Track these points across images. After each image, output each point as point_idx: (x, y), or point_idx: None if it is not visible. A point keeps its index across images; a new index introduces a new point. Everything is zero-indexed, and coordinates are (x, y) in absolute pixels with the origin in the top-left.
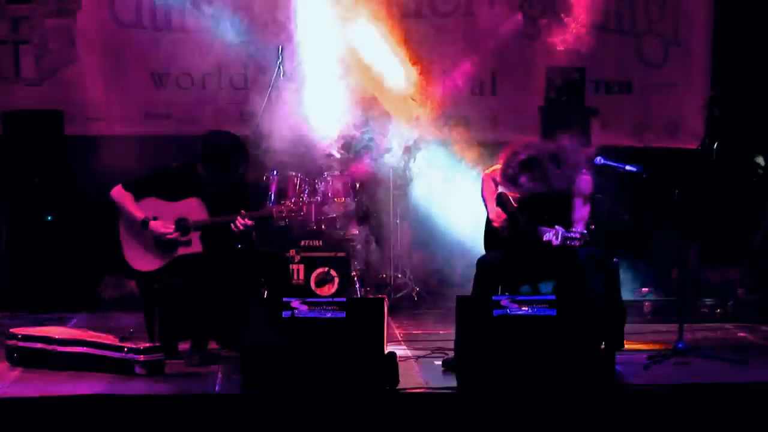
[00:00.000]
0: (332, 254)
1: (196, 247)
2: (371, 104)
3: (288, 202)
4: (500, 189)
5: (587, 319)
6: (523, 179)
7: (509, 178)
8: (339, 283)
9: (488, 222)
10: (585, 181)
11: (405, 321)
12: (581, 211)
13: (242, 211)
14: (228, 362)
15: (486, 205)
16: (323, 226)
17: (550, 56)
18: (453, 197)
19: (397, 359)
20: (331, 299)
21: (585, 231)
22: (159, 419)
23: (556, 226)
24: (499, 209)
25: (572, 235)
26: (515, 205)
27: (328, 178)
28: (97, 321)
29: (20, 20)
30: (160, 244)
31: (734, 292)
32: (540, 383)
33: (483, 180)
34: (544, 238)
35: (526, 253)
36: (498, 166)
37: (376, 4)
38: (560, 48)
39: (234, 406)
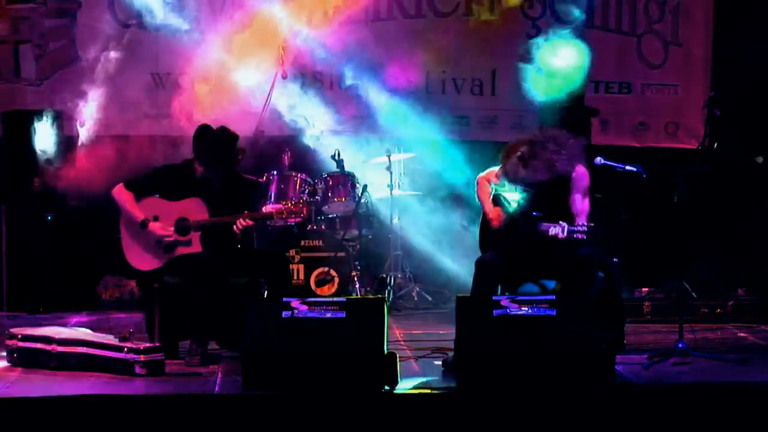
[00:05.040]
0: (332, 254)
1: (196, 247)
2: None
3: (288, 203)
4: (496, 191)
5: (587, 318)
6: (526, 170)
7: (512, 172)
8: (339, 283)
9: (484, 222)
10: (583, 175)
11: (405, 321)
12: (581, 205)
13: (245, 212)
14: (228, 362)
15: (483, 206)
16: (323, 226)
17: None
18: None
19: (397, 359)
20: (331, 299)
21: (591, 224)
22: (159, 419)
23: (560, 222)
24: (497, 208)
25: (577, 228)
26: (513, 205)
27: (328, 178)
28: (97, 321)
29: (20, 20)
30: (160, 244)
31: (734, 292)
32: (540, 383)
33: (478, 183)
34: (550, 233)
35: (526, 252)
36: (492, 169)
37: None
38: None
39: (234, 406)
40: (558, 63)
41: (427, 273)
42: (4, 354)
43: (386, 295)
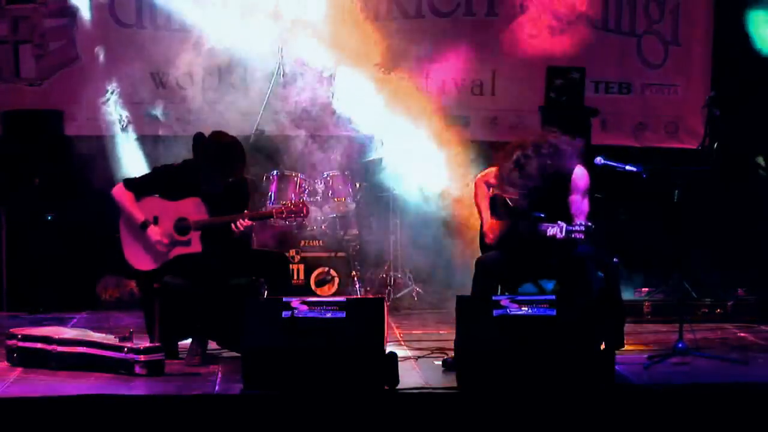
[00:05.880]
0: (332, 254)
1: (196, 247)
2: None
3: (288, 202)
4: (494, 192)
5: (587, 318)
6: (520, 175)
7: (506, 178)
8: (339, 283)
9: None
10: (582, 176)
11: (405, 321)
12: (581, 206)
13: (245, 211)
14: (228, 362)
15: (480, 213)
16: (323, 226)
17: (550, 56)
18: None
19: (397, 359)
20: (331, 299)
21: (590, 223)
22: (159, 419)
23: (559, 221)
24: (492, 221)
25: (576, 228)
26: (512, 205)
27: (328, 178)
28: (97, 321)
29: (20, 20)
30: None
31: (734, 292)
32: (540, 383)
33: (476, 185)
34: (548, 234)
35: (526, 252)
36: (491, 170)
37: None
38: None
39: (234, 406)
40: None
41: (427, 273)
42: (4, 354)
43: (386, 295)
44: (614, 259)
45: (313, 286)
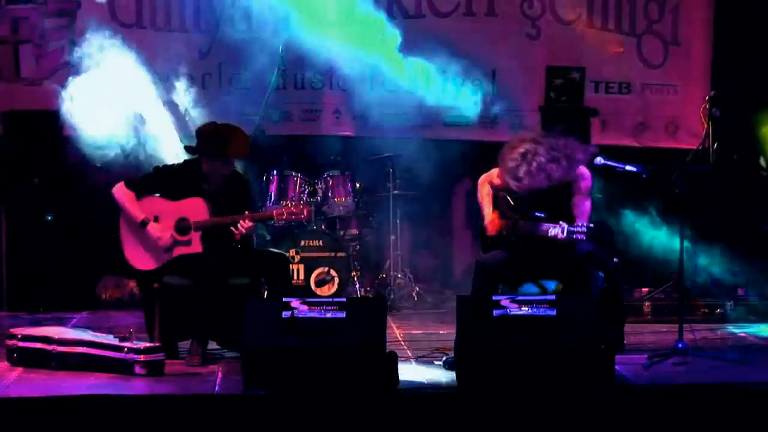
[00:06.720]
0: (332, 254)
1: (196, 247)
2: None
3: (288, 203)
4: (497, 191)
5: (587, 318)
6: (522, 173)
7: (509, 173)
8: (339, 283)
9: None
10: (585, 176)
11: (405, 321)
12: (583, 207)
13: (246, 212)
14: (228, 362)
15: (482, 210)
16: (323, 226)
17: (550, 56)
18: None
19: (397, 359)
20: (331, 299)
21: (591, 225)
22: (159, 419)
23: (560, 222)
24: (494, 217)
25: (578, 229)
26: (513, 205)
27: (328, 178)
28: (97, 321)
29: (20, 20)
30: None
31: (734, 292)
32: (540, 383)
33: (479, 184)
34: (549, 234)
35: (526, 252)
36: (495, 170)
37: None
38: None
39: (234, 406)
40: None
41: (427, 273)
42: (4, 354)
43: (386, 295)
44: (614, 259)
45: (313, 286)
